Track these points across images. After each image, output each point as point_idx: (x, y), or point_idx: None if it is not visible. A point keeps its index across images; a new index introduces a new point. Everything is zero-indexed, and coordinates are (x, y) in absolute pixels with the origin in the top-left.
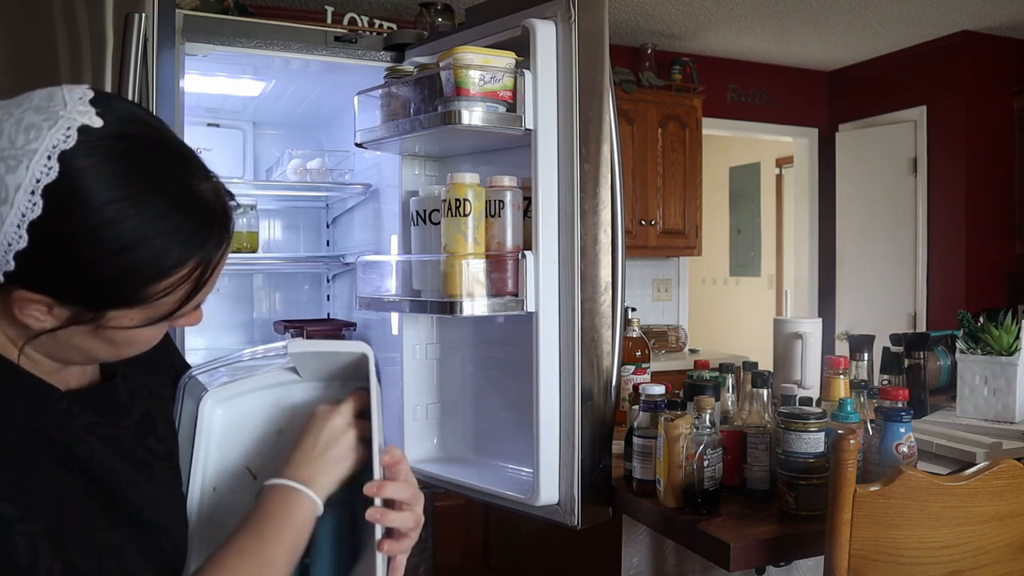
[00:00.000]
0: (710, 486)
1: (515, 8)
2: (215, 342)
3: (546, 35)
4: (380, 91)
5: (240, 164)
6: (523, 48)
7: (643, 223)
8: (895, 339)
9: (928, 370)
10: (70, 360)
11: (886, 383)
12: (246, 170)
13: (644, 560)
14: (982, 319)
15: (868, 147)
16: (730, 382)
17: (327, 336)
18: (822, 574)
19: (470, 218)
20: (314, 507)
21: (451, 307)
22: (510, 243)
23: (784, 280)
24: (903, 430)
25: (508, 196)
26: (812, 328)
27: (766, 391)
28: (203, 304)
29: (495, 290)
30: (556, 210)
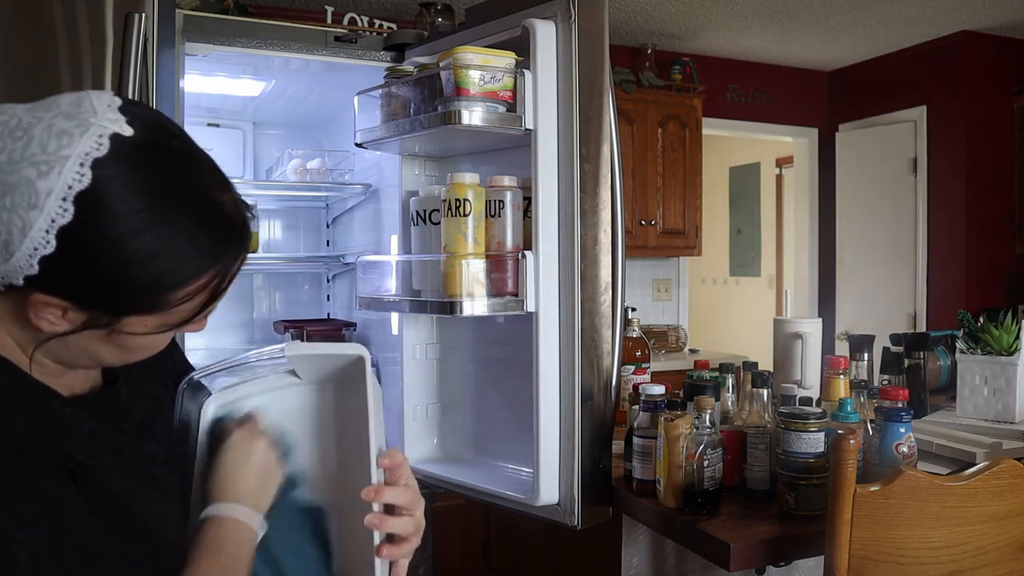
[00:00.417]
0: (710, 486)
1: (515, 8)
2: (215, 342)
3: (546, 35)
4: (380, 91)
5: (240, 164)
6: (523, 48)
7: (643, 223)
8: (895, 339)
9: (928, 370)
10: (77, 364)
11: (886, 383)
12: (246, 170)
13: (644, 560)
14: (982, 319)
15: (868, 147)
16: (730, 382)
17: (327, 336)
18: (822, 574)
19: (470, 218)
20: (261, 532)
21: (451, 307)
22: (510, 243)
23: (784, 280)
24: (903, 430)
25: (508, 196)
26: (812, 328)
27: (766, 391)
28: None
29: (495, 290)
30: (556, 210)
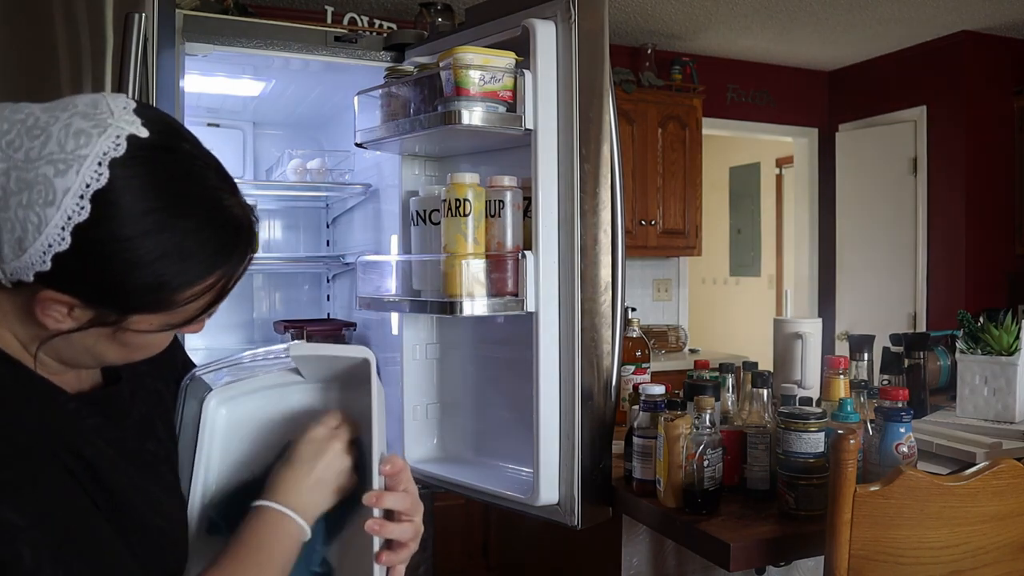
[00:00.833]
0: (710, 486)
1: (515, 8)
2: (215, 342)
3: (546, 35)
4: (380, 91)
5: (240, 164)
6: (523, 48)
7: (643, 223)
8: (895, 339)
9: (928, 370)
10: (79, 363)
11: (886, 383)
12: (246, 170)
13: (644, 560)
14: (982, 319)
15: (868, 147)
16: (730, 382)
17: (327, 336)
18: (822, 574)
19: (470, 218)
20: (302, 534)
21: (451, 307)
22: (510, 243)
23: (784, 280)
24: (903, 430)
25: (508, 196)
26: (812, 328)
27: (766, 391)
28: None
29: (495, 290)
30: (556, 210)
